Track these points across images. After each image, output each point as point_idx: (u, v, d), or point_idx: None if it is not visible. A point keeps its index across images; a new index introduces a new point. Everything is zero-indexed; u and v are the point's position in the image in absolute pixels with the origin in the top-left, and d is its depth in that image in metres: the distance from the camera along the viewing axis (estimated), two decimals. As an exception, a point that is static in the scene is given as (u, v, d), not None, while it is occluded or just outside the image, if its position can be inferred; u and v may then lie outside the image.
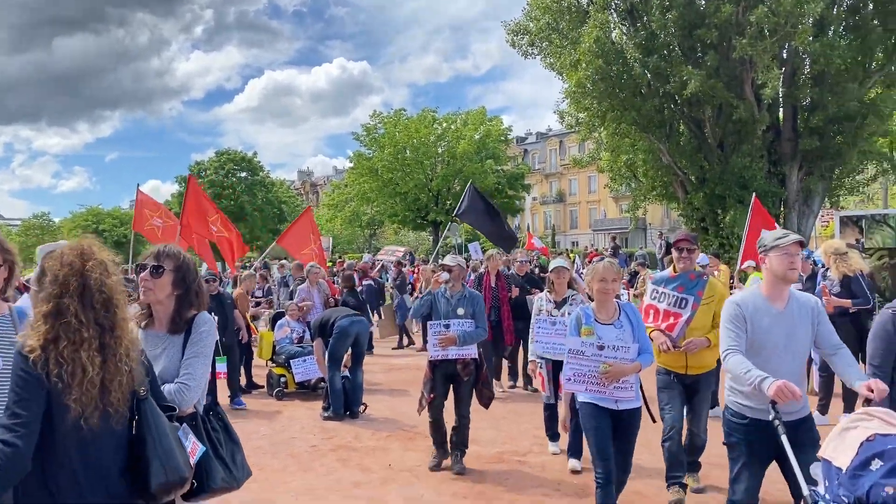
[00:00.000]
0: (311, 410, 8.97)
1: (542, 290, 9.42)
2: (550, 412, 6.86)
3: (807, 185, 18.29)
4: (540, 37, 19.22)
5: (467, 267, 22.94)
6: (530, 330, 6.75)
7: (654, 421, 4.99)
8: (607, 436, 4.42)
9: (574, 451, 6.33)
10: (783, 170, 18.31)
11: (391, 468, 6.54)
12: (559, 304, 6.62)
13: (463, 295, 6.41)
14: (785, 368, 3.64)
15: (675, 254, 5.51)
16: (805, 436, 3.63)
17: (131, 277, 4.02)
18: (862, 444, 2.80)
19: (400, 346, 15.02)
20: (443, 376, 6.42)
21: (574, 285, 7.05)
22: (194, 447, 2.78)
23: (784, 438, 3.37)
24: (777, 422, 3.43)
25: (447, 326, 6.26)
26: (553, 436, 6.90)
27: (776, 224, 11.92)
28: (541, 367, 6.51)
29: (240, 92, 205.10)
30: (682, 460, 5.33)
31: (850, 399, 7.43)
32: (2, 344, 2.92)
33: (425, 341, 7.41)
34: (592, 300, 6.69)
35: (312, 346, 9.33)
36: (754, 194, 12.31)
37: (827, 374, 7.64)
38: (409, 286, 17.02)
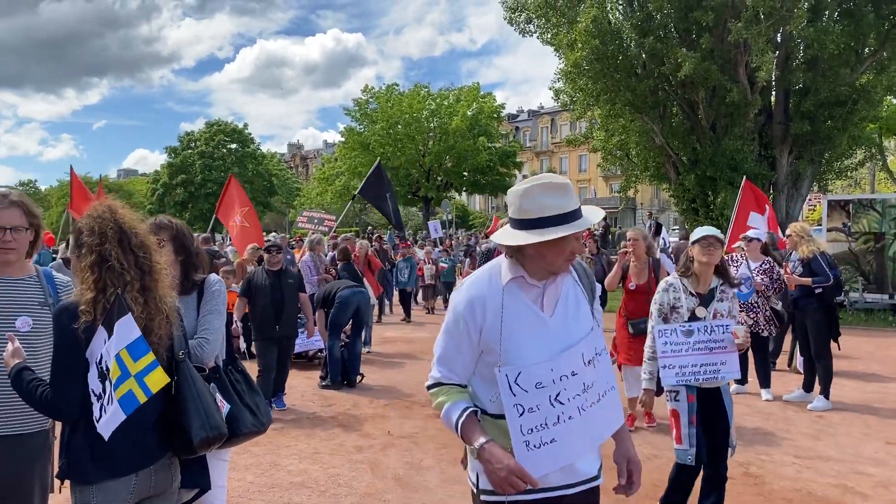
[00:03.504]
0: (309, 380, 9.17)
1: None
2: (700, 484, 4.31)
3: (796, 169, 18.51)
4: (538, 14, 19.25)
5: (447, 244, 22.99)
6: (648, 343, 4.49)
7: None
8: None
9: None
10: (773, 153, 18.50)
11: (391, 435, 6.75)
12: (705, 300, 4.37)
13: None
14: None
15: None
16: None
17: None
18: None
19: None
20: None
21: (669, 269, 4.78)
22: (221, 405, 2.98)
23: None
24: None
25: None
26: None
27: (768, 204, 12.11)
28: (673, 400, 4.32)
29: (231, 61, 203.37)
30: None
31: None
32: (31, 304, 3.03)
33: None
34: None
35: (307, 318, 8.91)
36: (745, 177, 12.51)
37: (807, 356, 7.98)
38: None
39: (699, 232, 4.37)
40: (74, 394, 2.39)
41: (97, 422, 2.35)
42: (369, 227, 44.37)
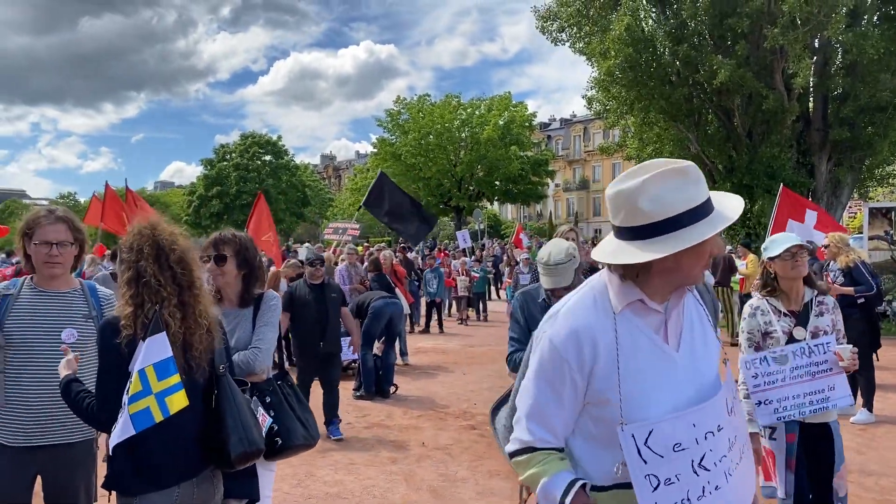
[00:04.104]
0: (344, 390, 9.15)
1: None
2: None
3: (836, 176, 18.17)
4: (570, 23, 19.19)
5: (478, 254, 22.61)
6: (741, 378, 3.65)
7: None
8: None
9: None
10: (812, 160, 18.19)
11: (425, 446, 6.74)
12: (800, 318, 3.67)
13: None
14: None
15: None
16: None
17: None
18: None
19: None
20: None
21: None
22: (263, 419, 3.01)
23: None
24: None
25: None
26: None
27: (814, 206, 11.86)
28: (769, 438, 3.64)
29: (265, 74, 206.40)
30: None
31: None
32: (75, 317, 3.11)
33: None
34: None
35: (350, 332, 8.65)
36: (781, 184, 12.31)
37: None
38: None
39: (779, 244, 3.65)
40: (116, 407, 2.43)
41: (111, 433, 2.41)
42: (401, 237, 44.55)
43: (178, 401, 2.39)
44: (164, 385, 2.36)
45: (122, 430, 2.35)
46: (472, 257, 21.33)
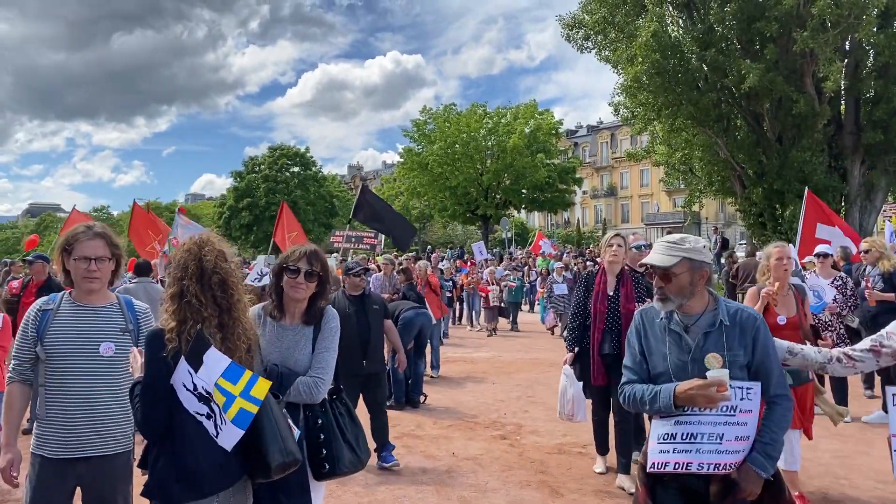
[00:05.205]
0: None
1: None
2: None
3: (869, 180, 17.88)
4: (595, 30, 19.16)
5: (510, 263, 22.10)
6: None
7: None
8: None
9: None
10: (844, 164, 17.92)
11: (455, 456, 6.73)
12: None
13: (717, 320, 2.89)
14: None
15: None
16: None
17: None
18: None
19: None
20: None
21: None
22: (292, 430, 3.06)
23: None
24: None
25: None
26: None
27: (837, 216, 11.71)
28: None
29: (293, 86, 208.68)
30: None
31: None
32: (113, 331, 3.17)
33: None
34: None
35: (397, 349, 8.20)
36: (807, 189, 12.15)
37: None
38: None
39: None
40: (157, 418, 2.50)
41: (216, 438, 2.48)
42: (428, 247, 44.65)
43: (262, 387, 2.46)
44: (241, 385, 2.44)
45: (231, 434, 2.45)
46: (503, 265, 21.17)
